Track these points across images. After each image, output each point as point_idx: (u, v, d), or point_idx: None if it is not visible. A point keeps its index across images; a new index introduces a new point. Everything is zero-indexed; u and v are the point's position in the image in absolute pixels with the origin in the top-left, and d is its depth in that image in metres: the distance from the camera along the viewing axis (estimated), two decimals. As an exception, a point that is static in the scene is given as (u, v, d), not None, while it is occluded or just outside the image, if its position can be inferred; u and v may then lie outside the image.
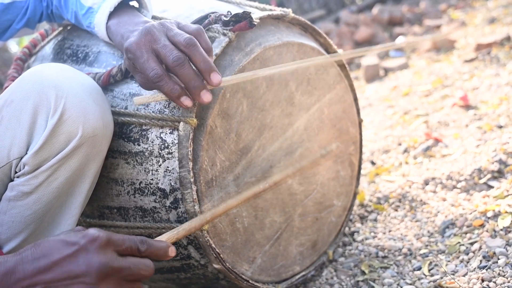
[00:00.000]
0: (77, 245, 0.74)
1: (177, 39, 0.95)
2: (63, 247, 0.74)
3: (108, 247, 0.76)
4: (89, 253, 0.74)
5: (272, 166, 1.24)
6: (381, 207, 1.68)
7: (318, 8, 6.24)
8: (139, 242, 0.80)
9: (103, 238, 0.75)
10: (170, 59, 0.94)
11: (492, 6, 4.32)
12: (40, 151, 0.98)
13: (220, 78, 0.97)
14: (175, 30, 0.97)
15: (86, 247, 0.74)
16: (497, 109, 2.06)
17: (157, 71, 0.95)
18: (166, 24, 0.99)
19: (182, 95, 0.97)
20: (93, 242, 0.74)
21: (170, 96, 0.96)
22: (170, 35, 0.97)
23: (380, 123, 2.45)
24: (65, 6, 1.20)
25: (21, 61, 1.43)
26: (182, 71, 0.94)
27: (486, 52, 2.85)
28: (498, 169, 1.59)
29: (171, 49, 0.94)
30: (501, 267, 1.20)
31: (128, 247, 0.78)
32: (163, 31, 0.97)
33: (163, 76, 0.95)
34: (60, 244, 0.75)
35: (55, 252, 0.74)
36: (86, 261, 0.73)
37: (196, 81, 0.96)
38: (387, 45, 2.53)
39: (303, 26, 1.35)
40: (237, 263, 1.20)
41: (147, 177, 1.10)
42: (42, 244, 0.76)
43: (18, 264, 0.73)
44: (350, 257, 1.47)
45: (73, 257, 0.74)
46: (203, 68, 0.96)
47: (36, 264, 0.73)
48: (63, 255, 0.74)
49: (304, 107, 1.29)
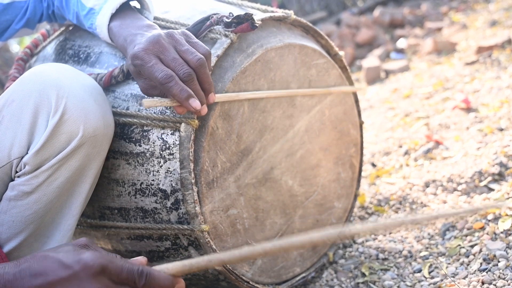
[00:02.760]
0: (71, 269, 0.72)
1: (189, 58, 0.99)
2: (59, 269, 0.73)
3: (102, 275, 0.73)
4: (82, 281, 0.72)
5: (273, 168, 1.24)
6: (381, 209, 1.68)
7: (319, 10, 6.25)
8: (138, 274, 0.75)
9: (97, 266, 0.72)
10: (181, 73, 0.97)
11: (494, 8, 4.32)
12: (41, 150, 0.98)
13: (214, 97, 1.05)
14: (185, 46, 1.00)
15: (79, 274, 0.72)
16: (498, 111, 2.06)
17: (167, 72, 0.96)
18: (175, 37, 1.01)
19: (191, 96, 0.98)
20: (86, 269, 0.72)
21: (178, 97, 0.97)
22: (180, 49, 0.99)
23: (381, 125, 2.45)
24: (67, 6, 1.20)
25: (23, 61, 1.43)
26: (191, 86, 0.98)
27: (487, 55, 2.85)
28: (498, 171, 1.59)
29: (181, 63, 0.98)
30: (501, 270, 1.20)
31: (125, 278, 0.75)
32: (171, 43, 1.00)
33: (173, 77, 0.96)
34: (56, 264, 0.73)
35: (51, 272, 0.73)
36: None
37: (201, 97, 1.01)
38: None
39: (304, 28, 1.35)
40: (237, 264, 1.20)
41: (148, 178, 1.10)
42: (41, 260, 0.74)
43: (17, 277, 0.72)
44: (351, 259, 1.47)
45: (67, 282, 0.72)
46: (207, 89, 1.02)
47: (33, 281, 0.72)
48: (57, 277, 0.72)
49: (305, 109, 1.29)
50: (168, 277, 0.78)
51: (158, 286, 0.76)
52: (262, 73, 1.17)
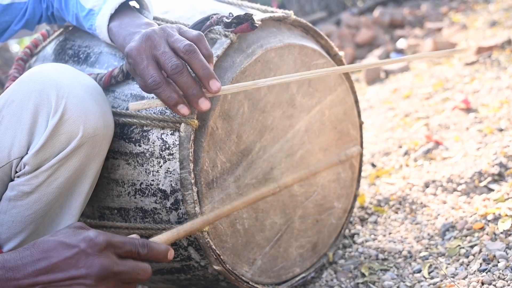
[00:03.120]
0: (77, 247, 0.74)
1: (177, 46, 0.95)
2: (62, 249, 0.74)
3: (108, 250, 0.76)
4: (89, 256, 0.74)
5: (273, 168, 1.24)
6: (381, 209, 1.68)
7: (319, 10, 6.25)
8: (140, 245, 0.80)
9: (103, 241, 0.75)
10: (168, 66, 0.94)
11: (493, 9, 4.32)
12: (41, 151, 0.98)
13: (219, 85, 0.97)
14: (175, 36, 0.97)
15: (86, 250, 0.74)
16: (497, 112, 2.06)
17: (155, 78, 0.94)
18: (167, 29, 0.98)
19: (179, 103, 0.96)
20: (93, 246, 0.75)
21: (167, 103, 0.97)
22: (170, 41, 0.96)
23: (381, 125, 2.45)
24: (66, 8, 1.20)
25: (23, 61, 1.43)
26: (180, 79, 0.95)
27: (487, 55, 2.85)
28: (498, 172, 1.59)
29: (170, 56, 0.94)
30: (501, 270, 1.20)
31: (129, 250, 0.78)
32: (163, 36, 0.97)
33: (160, 84, 0.95)
34: (60, 246, 0.75)
35: (55, 254, 0.74)
36: (86, 264, 0.74)
37: (194, 89, 0.96)
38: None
39: (304, 28, 1.35)
40: (237, 264, 1.20)
41: (147, 178, 1.10)
42: (41, 244, 0.76)
43: (18, 264, 0.73)
44: (350, 259, 1.47)
45: (73, 260, 0.74)
46: (202, 75, 0.95)
47: (36, 265, 0.73)
48: (62, 257, 0.74)
49: (305, 109, 1.29)
50: (164, 245, 0.83)
51: (157, 253, 0.82)
52: (262, 73, 1.17)
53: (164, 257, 0.83)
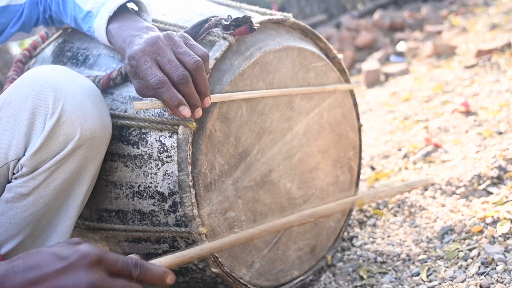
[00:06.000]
0: (67, 260, 0.72)
1: (186, 59, 0.98)
2: (53, 261, 0.73)
3: (98, 266, 0.73)
4: (78, 270, 0.72)
5: (271, 171, 1.24)
6: (380, 212, 1.68)
7: (319, 13, 6.26)
8: (133, 265, 0.76)
9: (94, 256, 0.73)
10: (175, 75, 0.96)
11: (493, 12, 4.33)
12: (38, 152, 0.98)
13: (210, 101, 1.03)
14: (183, 48, 1.00)
15: (75, 264, 0.72)
16: (497, 115, 2.06)
17: (160, 77, 0.96)
18: (173, 39, 1.01)
19: (181, 104, 0.97)
20: (82, 259, 0.72)
21: (169, 104, 0.97)
22: (177, 51, 0.99)
23: (380, 128, 2.45)
24: (64, 10, 1.20)
25: (21, 63, 1.43)
26: (185, 88, 0.98)
27: (487, 58, 2.85)
28: (497, 175, 1.59)
29: (177, 65, 0.97)
30: (499, 274, 1.19)
31: (120, 269, 0.75)
32: (169, 45, 1.00)
33: (165, 83, 0.96)
34: (51, 257, 0.74)
35: (45, 265, 0.73)
36: (74, 278, 0.72)
37: (196, 100, 1.00)
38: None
39: (303, 31, 1.35)
40: (235, 267, 1.19)
41: (146, 180, 1.10)
42: (34, 254, 0.74)
43: (9, 273, 0.72)
44: (349, 262, 1.46)
45: (61, 273, 0.72)
46: (203, 91, 1.01)
47: (26, 275, 0.72)
48: (52, 269, 0.72)
49: (304, 112, 1.29)
50: (161, 268, 0.80)
51: (151, 276, 0.78)
52: (260, 76, 1.17)
53: (160, 281, 0.79)
